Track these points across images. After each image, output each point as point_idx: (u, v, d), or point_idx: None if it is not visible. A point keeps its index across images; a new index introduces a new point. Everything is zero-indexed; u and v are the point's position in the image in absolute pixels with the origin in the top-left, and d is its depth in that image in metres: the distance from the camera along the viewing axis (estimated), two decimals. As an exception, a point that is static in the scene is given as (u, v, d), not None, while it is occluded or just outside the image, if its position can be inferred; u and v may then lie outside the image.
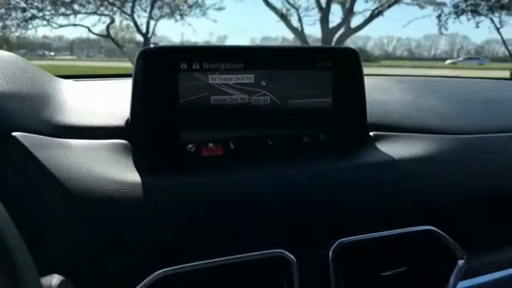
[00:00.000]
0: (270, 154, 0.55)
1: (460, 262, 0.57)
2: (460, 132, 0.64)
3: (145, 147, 0.51)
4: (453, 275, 0.56)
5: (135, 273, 0.44)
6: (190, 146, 0.53)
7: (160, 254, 0.45)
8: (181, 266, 0.44)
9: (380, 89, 0.75)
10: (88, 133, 0.50)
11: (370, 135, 0.61)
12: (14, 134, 0.43)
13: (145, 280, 0.43)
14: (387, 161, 0.56)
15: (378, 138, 0.60)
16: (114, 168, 0.46)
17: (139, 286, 0.43)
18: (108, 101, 0.56)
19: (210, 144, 0.53)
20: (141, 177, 0.46)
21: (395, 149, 0.59)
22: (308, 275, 0.49)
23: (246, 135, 0.54)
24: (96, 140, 0.49)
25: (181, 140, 0.52)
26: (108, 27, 9.83)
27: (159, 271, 0.43)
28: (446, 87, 0.88)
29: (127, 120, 0.52)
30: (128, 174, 0.46)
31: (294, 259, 0.48)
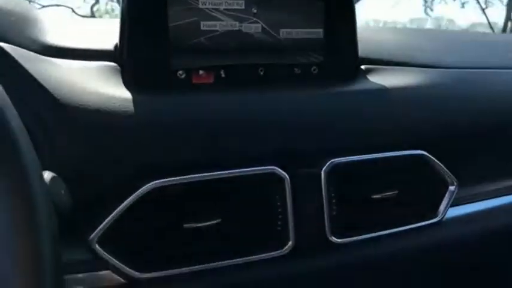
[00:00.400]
0: (261, 83, 0.54)
1: (451, 188, 0.57)
2: (449, 66, 0.65)
3: (134, 71, 0.50)
4: (444, 201, 0.57)
5: (126, 186, 0.43)
6: (180, 72, 0.52)
7: (151, 168, 0.44)
8: (172, 179, 0.44)
9: (372, 31, 0.75)
10: (76, 54, 0.48)
11: (361, 68, 0.61)
12: (0, 44, 0.42)
13: (137, 192, 0.43)
14: (378, 89, 0.56)
15: (369, 71, 0.60)
16: (103, 84, 0.46)
17: (130, 198, 0.42)
18: (96, 29, 0.55)
19: (201, 72, 0.53)
20: (131, 94, 0.45)
21: (386, 80, 0.59)
22: (300, 193, 0.49)
23: (237, 63, 0.54)
24: (85, 60, 0.48)
25: (171, 66, 0.51)
26: (92, 8, 9.66)
27: (150, 183, 0.43)
28: (437, 33, 0.88)
29: (116, 45, 0.51)
30: (117, 90, 0.45)
31: (287, 176, 0.48)
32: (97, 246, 0.41)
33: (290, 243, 0.48)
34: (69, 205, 0.35)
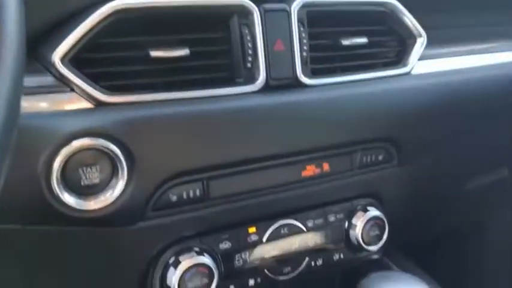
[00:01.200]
0: None
1: (419, 40, 0.57)
2: None
3: None
4: (413, 53, 0.57)
5: (89, 9, 0.42)
6: None
7: None
8: (133, 1, 0.42)
9: None
10: None
11: None
12: None
13: (98, 11, 0.41)
14: None
15: None
16: None
17: (92, 17, 0.40)
18: None
19: None
20: None
21: None
22: (270, 29, 0.48)
23: None
24: None
25: None
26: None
27: (111, 4, 0.41)
28: None
29: None
30: None
31: (256, 9, 0.47)
32: (60, 63, 0.39)
33: (260, 78, 0.48)
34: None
